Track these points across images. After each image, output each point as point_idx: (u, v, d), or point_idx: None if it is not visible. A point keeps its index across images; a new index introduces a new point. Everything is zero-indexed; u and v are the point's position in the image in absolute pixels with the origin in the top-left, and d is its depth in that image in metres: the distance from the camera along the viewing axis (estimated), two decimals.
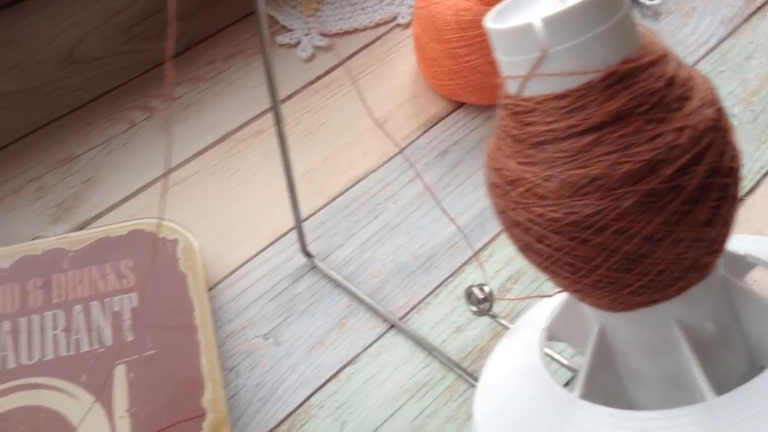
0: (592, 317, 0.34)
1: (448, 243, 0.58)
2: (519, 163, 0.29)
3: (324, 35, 0.74)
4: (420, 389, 0.51)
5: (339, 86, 0.70)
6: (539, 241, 0.30)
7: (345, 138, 0.66)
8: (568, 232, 0.28)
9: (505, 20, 0.30)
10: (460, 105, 0.68)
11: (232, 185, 0.63)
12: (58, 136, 0.67)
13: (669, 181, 0.27)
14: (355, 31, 0.75)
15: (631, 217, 0.27)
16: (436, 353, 0.52)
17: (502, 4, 0.31)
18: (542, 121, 0.28)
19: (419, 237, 0.59)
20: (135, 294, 0.53)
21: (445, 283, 0.56)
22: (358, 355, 0.53)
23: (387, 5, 0.76)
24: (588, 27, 0.27)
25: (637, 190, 0.27)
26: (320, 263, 0.57)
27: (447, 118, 0.67)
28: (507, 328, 0.49)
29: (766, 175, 0.61)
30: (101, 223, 0.61)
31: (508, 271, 0.56)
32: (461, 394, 0.50)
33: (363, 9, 0.76)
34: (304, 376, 0.52)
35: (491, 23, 0.30)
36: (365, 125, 0.66)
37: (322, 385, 0.51)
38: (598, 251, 0.28)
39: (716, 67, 0.70)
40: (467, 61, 0.61)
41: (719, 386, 0.30)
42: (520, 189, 0.29)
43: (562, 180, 0.28)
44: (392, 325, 0.54)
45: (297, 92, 0.70)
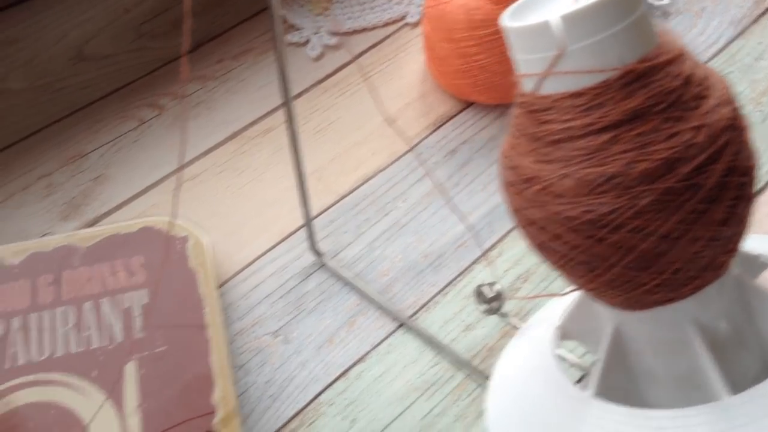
0: (606, 316, 0.34)
1: (457, 242, 0.58)
2: (535, 161, 0.29)
3: (333, 34, 0.74)
4: (429, 388, 0.51)
5: (348, 85, 0.70)
6: (555, 239, 0.30)
7: (354, 137, 0.66)
8: (584, 231, 0.28)
9: (521, 19, 0.30)
10: (469, 104, 0.68)
11: (242, 183, 0.63)
12: (68, 133, 0.67)
13: (686, 180, 0.27)
14: (364, 30, 0.75)
15: (648, 215, 0.27)
16: (446, 352, 0.52)
17: (517, 3, 0.31)
18: (559, 119, 0.28)
19: (428, 236, 0.59)
20: (145, 291, 0.53)
21: (454, 282, 0.56)
22: (367, 353, 0.53)
23: (396, 4, 0.76)
24: (606, 25, 0.27)
25: (654, 188, 0.27)
26: (329, 261, 0.57)
27: (456, 117, 0.67)
28: (516, 327, 0.49)
29: None
30: (110, 220, 0.61)
31: (517, 270, 0.56)
32: (470, 393, 0.50)
33: (372, 8, 0.76)
34: (314, 373, 0.52)
35: (508, 21, 0.30)
36: (374, 124, 0.67)
37: (332, 383, 0.51)
38: (614, 249, 0.28)
39: (725, 68, 0.70)
40: (477, 60, 0.61)
41: (734, 386, 0.30)
42: (536, 187, 0.29)
43: (579, 178, 0.28)
44: (401, 324, 0.54)
45: (306, 91, 0.70)
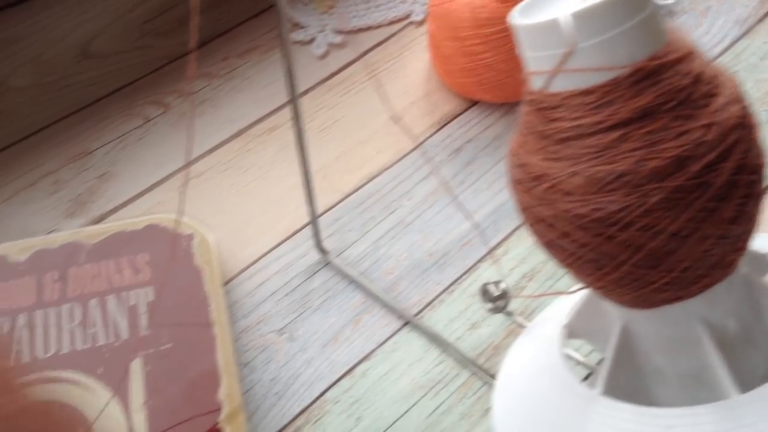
0: (614, 314, 0.34)
1: (462, 240, 0.58)
2: (544, 159, 0.29)
3: (338, 32, 0.74)
4: (434, 386, 0.51)
5: (353, 83, 0.70)
6: (563, 237, 0.30)
7: (359, 135, 0.66)
8: (594, 229, 0.28)
9: (530, 16, 0.30)
10: (474, 103, 0.68)
11: (247, 181, 0.63)
12: (74, 130, 0.67)
13: (696, 178, 0.27)
14: (369, 28, 0.75)
15: (658, 213, 0.27)
16: (451, 350, 0.52)
17: (525, 1, 0.31)
18: (568, 116, 0.28)
19: (433, 234, 0.59)
20: (151, 288, 0.53)
21: (460, 281, 0.56)
22: (372, 351, 0.53)
23: (401, 3, 0.76)
24: (616, 23, 0.27)
25: (664, 186, 0.27)
26: (334, 259, 0.57)
27: (461, 116, 0.67)
28: (522, 325, 0.49)
29: None
30: (116, 218, 0.61)
31: (522, 268, 0.56)
32: (476, 391, 0.50)
33: (377, 6, 0.76)
34: (319, 371, 0.52)
35: (517, 19, 0.30)
36: (379, 122, 0.67)
37: (337, 381, 0.51)
38: (623, 248, 0.28)
39: (731, 67, 0.70)
40: (482, 58, 0.61)
41: (742, 384, 0.30)
42: (545, 185, 0.29)
43: (588, 176, 0.28)
44: (407, 322, 0.54)
45: (311, 89, 0.70)
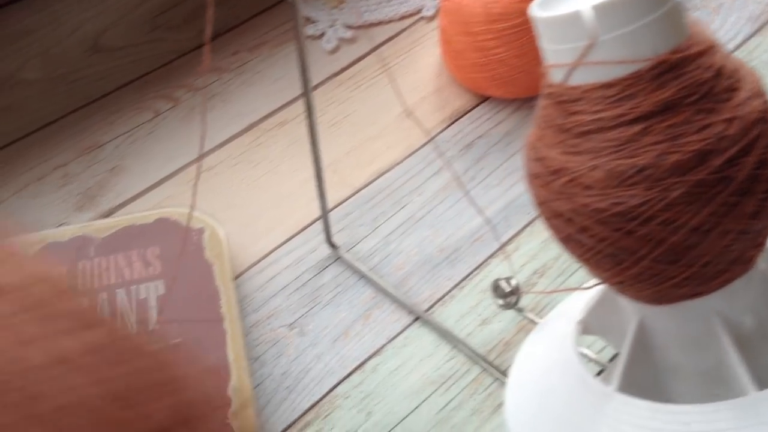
0: (630, 310, 0.33)
1: (473, 236, 0.58)
2: (563, 153, 0.29)
3: (349, 27, 0.74)
4: (445, 381, 0.51)
5: (363, 78, 0.70)
6: (582, 232, 0.29)
7: (369, 130, 0.66)
8: (613, 223, 0.28)
9: (550, 9, 0.30)
10: (485, 98, 0.67)
11: (257, 175, 0.63)
12: (84, 124, 0.67)
13: (718, 172, 0.27)
14: (380, 23, 0.75)
15: (679, 207, 0.27)
16: (462, 346, 0.52)
17: None
18: (589, 110, 0.28)
19: (444, 229, 0.59)
20: (161, 282, 0.53)
21: (470, 276, 0.56)
22: (383, 346, 0.53)
23: None
24: (638, 15, 0.27)
25: (685, 180, 0.27)
26: (345, 254, 0.57)
27: (472, 112, 0.67)
28: (533, 321, 0.49)
29: None
30: (126, 211, 0.61)
31: (533, 264, 0.56)
32: (486, 387, 0.50)
33: (388, 1, 0.76)
34: (330, 366, 0.52)
35: (537, 11, 0.29)
36: (389, 117, 0.66)
37: (348, 376, 0.51)
38: (643, 242, 0.28)
39: None
40: (495, 54, 0.61)
41: (759, 381, 0.30)
42: (564, 179, 0.29)
43: (609, 170, 0.28)
44: (417, 318, 0.54)
45: (321, 84, 0.70)
